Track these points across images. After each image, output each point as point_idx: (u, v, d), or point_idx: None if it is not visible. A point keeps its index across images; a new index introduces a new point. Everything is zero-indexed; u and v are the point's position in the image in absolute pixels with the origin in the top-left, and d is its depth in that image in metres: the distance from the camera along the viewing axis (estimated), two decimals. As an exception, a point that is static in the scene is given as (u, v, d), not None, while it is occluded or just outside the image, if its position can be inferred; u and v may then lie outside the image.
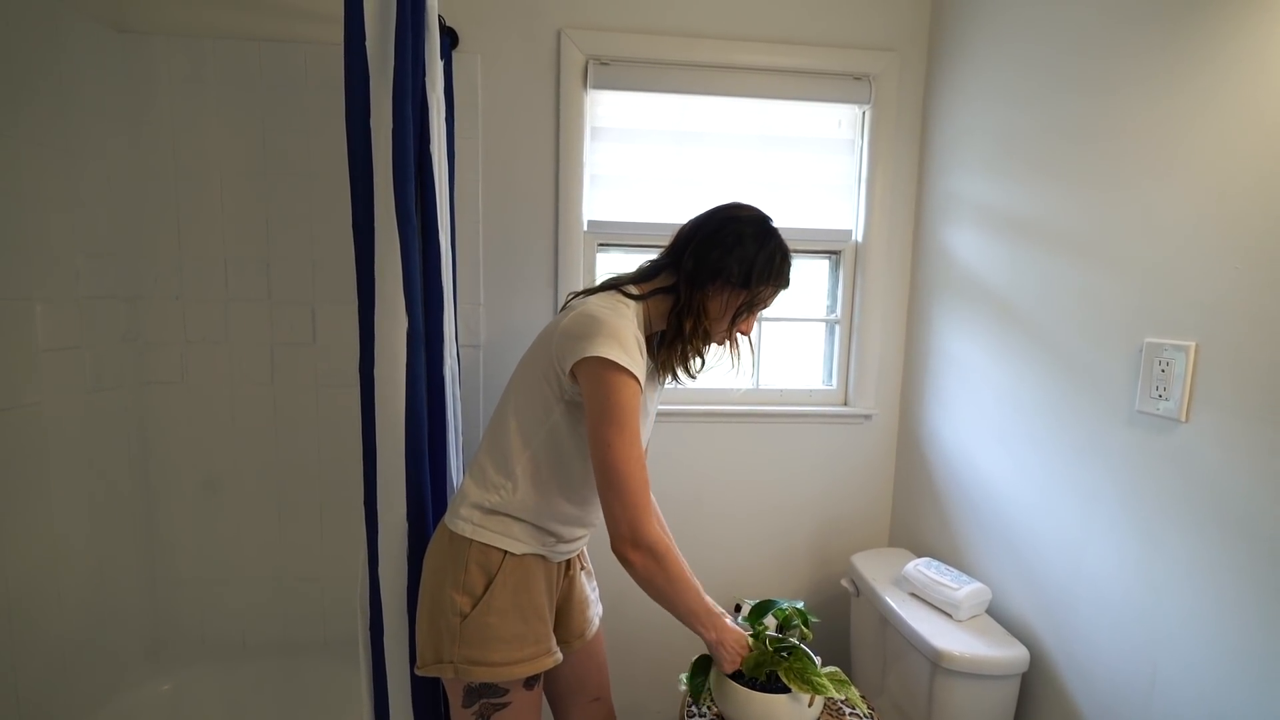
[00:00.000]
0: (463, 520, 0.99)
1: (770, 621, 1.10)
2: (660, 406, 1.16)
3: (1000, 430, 1.33)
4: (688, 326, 0.98)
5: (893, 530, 1.76)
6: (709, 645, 1.01)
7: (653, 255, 1.65)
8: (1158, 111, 0.98)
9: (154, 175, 1.48)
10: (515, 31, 1.52)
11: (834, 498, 1.74)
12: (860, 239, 1.68)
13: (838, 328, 1.73)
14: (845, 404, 1.74)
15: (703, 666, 1.05)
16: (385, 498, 1.06)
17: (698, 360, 1.03)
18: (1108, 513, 1.06)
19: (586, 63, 1.54)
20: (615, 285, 1.02)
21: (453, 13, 1.42)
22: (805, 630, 1.06)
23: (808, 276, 1.74)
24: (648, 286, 1.01)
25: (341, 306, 1.55)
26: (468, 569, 0.97)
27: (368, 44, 1.01)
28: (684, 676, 1.07)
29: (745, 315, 1.00)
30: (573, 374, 0.92)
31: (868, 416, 1.71)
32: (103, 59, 1.41)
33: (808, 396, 1.73)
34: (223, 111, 1.49)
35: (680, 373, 1.04)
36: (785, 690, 0.97)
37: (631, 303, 0.99)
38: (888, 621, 1.35)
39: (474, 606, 0.96)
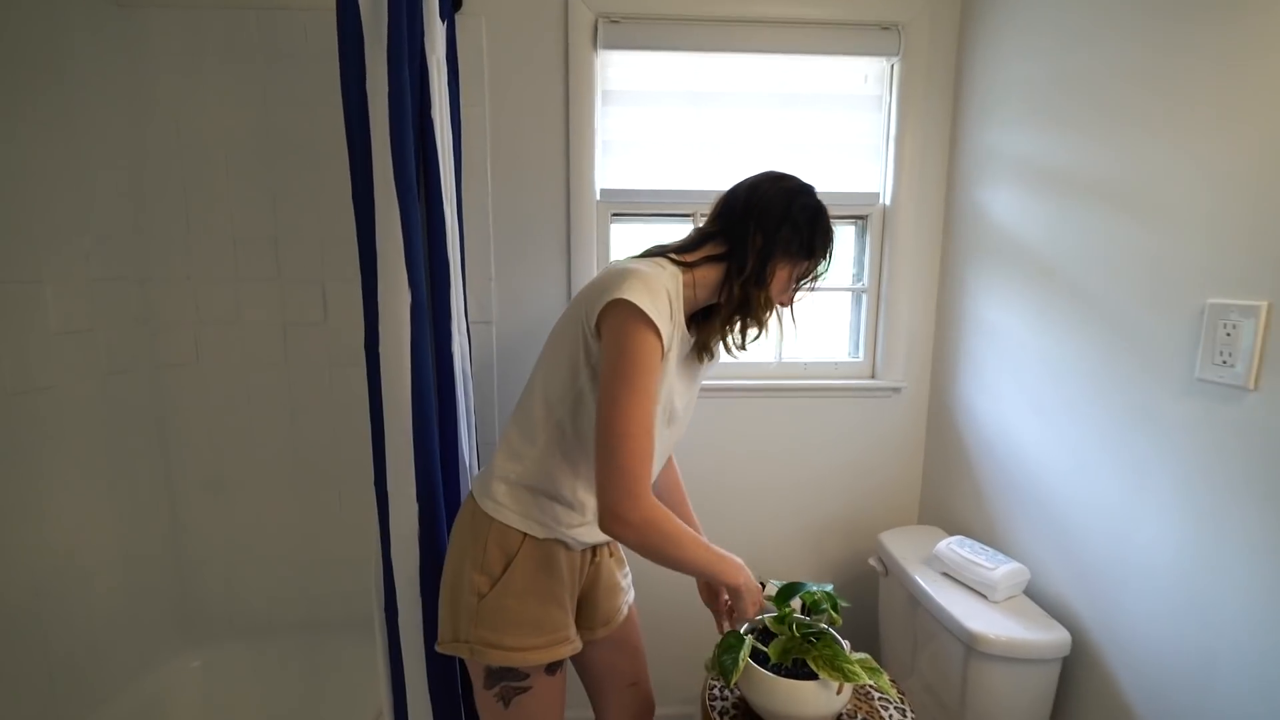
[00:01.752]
0: (489, 498, 0.96)
1: (796, 604, 1.05)
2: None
3: (1040, 402, 1.25)
4: (757, 297, 0.94)
5: (922, 507, 1.69)
6: (735, 591, 0.95)
7: (670, 224, 1.62)
8: (1228, 45, 0.88)
9: (157, 152, 1.46)
10: (520, -11, 1.44)
11: (861, 474, 1.68)
12: (888, 202, 1.59)
13: (865, 297, 1.65)
14: (873, 376, 1.66)
15: (730, 645, 1.01)
16: (394, 478, 1.03)
17: (755, 330, 0.98)
18: (1161, 489, 0.99)
19: (596, 21, 1.46)
20: (660, 252, 0.97)
21: (454, -29, 1.35)
22: (834, 615, 1.01)
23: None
24: (695, 255, 0.96)
25: (351, 284, 1.49)
26: (487, 548, 0.94)
27: (361, 3, 0.95)
28: (708, 659, 1.03)
29: (800, 285, 1.00)
30: (598, 331, 0.87)
31: (897, 389, 1.64)
32: (101, 33, 1.38)
33: (834, 369, 1.66)
34: (223, 84, 1.45)
35: (732, 346, 1.00)
36: (811, 676, 0.93)
37: (673, 267, 0.94)
38: (918, 602, 1.30)
39: (492, 587, 0.94)
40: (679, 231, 1.59)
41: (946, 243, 1.57)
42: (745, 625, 1.06)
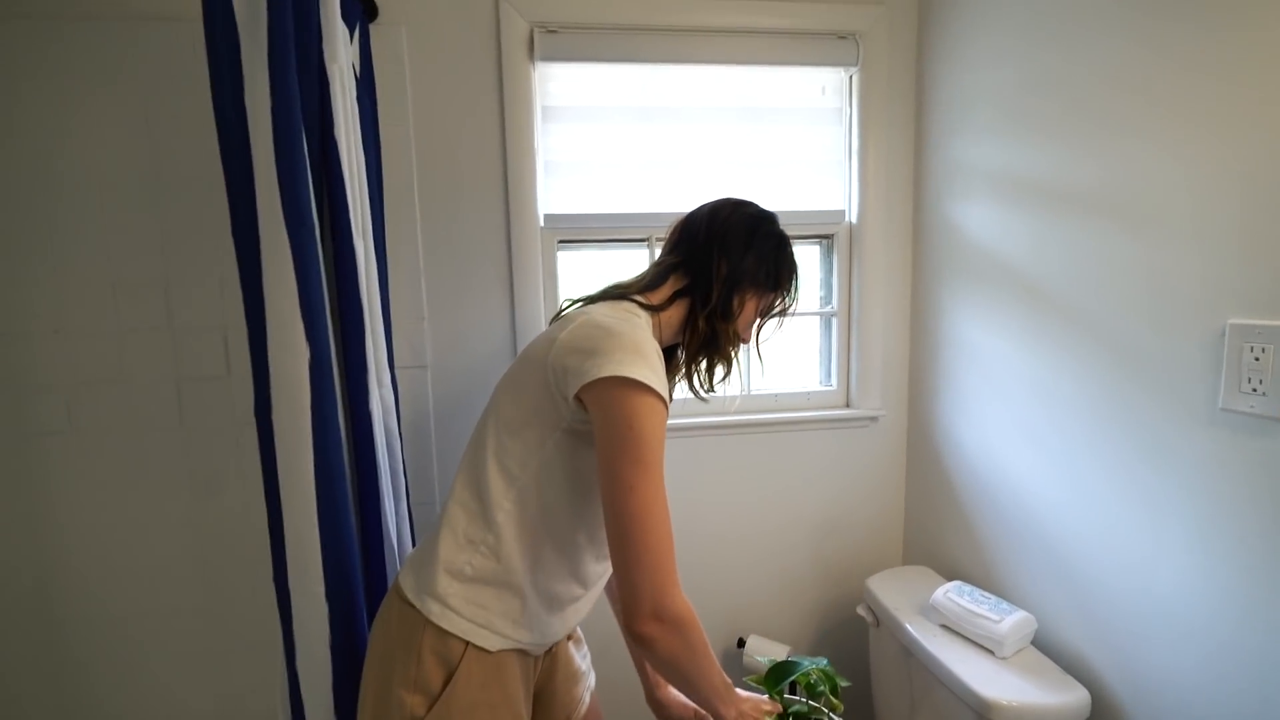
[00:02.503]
0: (432, 596, 0.78)
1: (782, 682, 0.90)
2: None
3: (1034, 431, 1.15)
4: (725, 331, 0.87)
5: (906, 545, 1.58)
6: None
7: (623, 250, 1.49)
8: (1226, 36, 0.80)
9: (18, 187, 1.23)
10: (444, -3, 1.30)
11: (839, 511, 1.55)
12: (854, 219, 1.49)
13: (834, 320, 1.54)
14: (848, 405, 1.55)
15: None
16: (297, 573, 0.84)
17: (723, 367, 0.91)
18: (1183, 528, 0.88)
19: (531, 31, 1.32)
20: (622, 294, 0.86)
21: (366, -25, 1.20)
22: (834, 700, 0.86)
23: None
24: (660, 295, 0.86)
25: (259, 330, 1.32)
26: (420, 659, 0.76)
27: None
28: None
29: (767, 319, 0.94)
30: (578, 399, 0.74)
31: (874, 418, 1.52)
32: (-61, 48, 1.16)
33: (805, 399, 1.54)
34: (94, 107, 1.24)
35: (700, 386, 0.92)
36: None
37: (644, 314, 0.83)
38: (915, 656, 1.17)
39: (430, 709, 0.76)
40: (632, 258, 1.47)
41: (918, 260, 1.48)
42: None
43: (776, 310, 0.93)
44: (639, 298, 0.85)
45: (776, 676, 0.90)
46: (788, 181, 1.48)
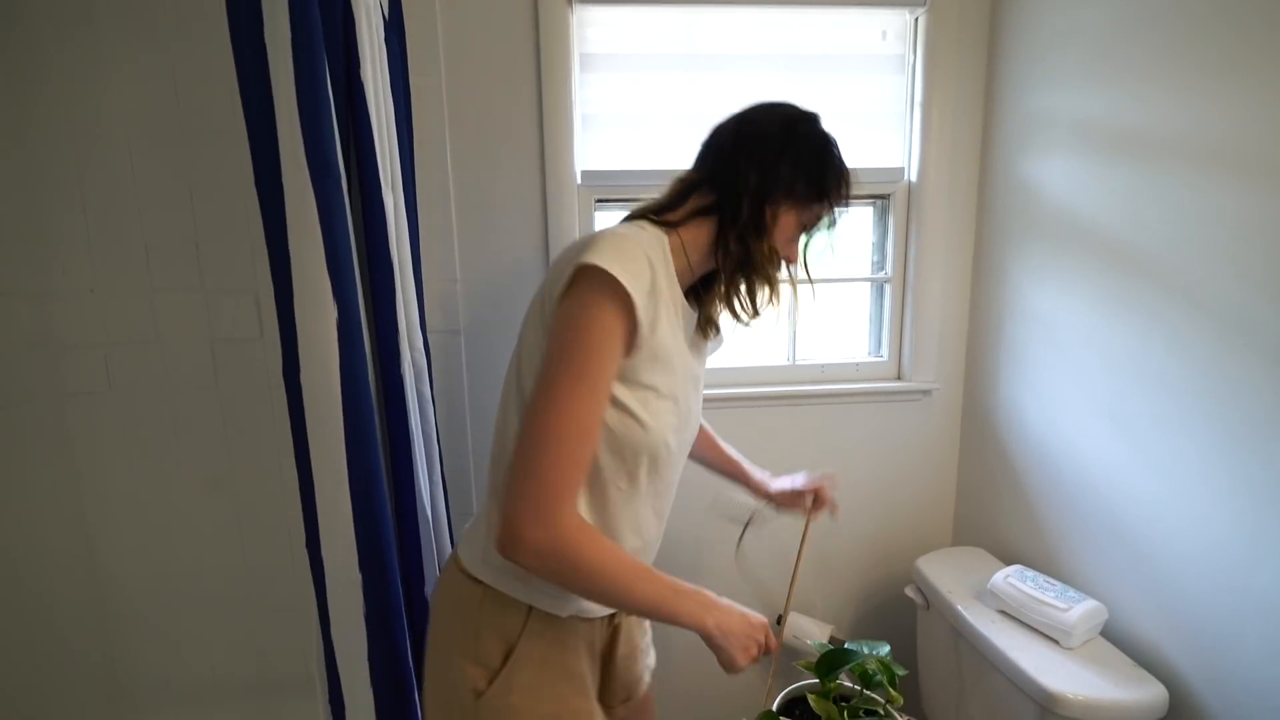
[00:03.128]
0: (487, 565, 0.74)
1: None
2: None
3: (1113, 410, 1.05)
4: (760, 249, 0.75)
5: (957, 525, 1.50)
6: (709, 640, 0.72)
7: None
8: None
9: (45, 142, 1.21)
10: (476, -67, 1.21)
11: (887, 489, 1.48)
12: (914, 178, 1.38)
13: (888, 287, 1.44)
14: (899, 378, 1.46)
15: None
16: (330, 542, 0.81)
17: (764, 289, 0.78)
18: (1291, 521, 0.79)
19: (568, -30, 1.23)
20: (639, 215, 0.78)
21: (393, -91, 1.11)
22: (893, 692, 0.81)
23: (850, 227, 1.45)
24: (679, 212, 0.77)
25: (290, 291, 1.29)
26: (480, 632, 0.73)
27: (253, -78, 0.72)
28: None
29: (813, 234, 0.81)
30: None
31: (926, 392, 1.43)
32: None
33: (855, 371, 1.46)
34: (122, 57, 1.20)
35: (743, 313, 0.79)
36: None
37: (657, 230, 0.74)
38: (968, 641, 1.11)
39: (491, 682, 0.72)
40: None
41: (983, 223, 1.37)
42: (778, 702, 0.86)
43: (825, 224, 0.81)
44: (655, 216, 0.77)
45: (830, 664, 0.85)
46: (842, 136, 1.36)
